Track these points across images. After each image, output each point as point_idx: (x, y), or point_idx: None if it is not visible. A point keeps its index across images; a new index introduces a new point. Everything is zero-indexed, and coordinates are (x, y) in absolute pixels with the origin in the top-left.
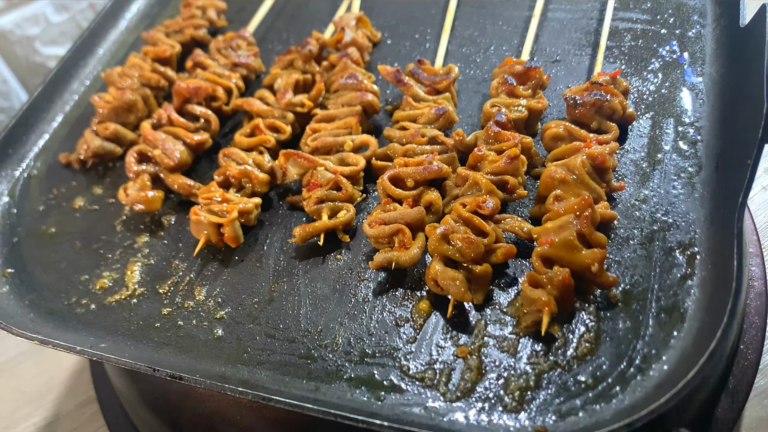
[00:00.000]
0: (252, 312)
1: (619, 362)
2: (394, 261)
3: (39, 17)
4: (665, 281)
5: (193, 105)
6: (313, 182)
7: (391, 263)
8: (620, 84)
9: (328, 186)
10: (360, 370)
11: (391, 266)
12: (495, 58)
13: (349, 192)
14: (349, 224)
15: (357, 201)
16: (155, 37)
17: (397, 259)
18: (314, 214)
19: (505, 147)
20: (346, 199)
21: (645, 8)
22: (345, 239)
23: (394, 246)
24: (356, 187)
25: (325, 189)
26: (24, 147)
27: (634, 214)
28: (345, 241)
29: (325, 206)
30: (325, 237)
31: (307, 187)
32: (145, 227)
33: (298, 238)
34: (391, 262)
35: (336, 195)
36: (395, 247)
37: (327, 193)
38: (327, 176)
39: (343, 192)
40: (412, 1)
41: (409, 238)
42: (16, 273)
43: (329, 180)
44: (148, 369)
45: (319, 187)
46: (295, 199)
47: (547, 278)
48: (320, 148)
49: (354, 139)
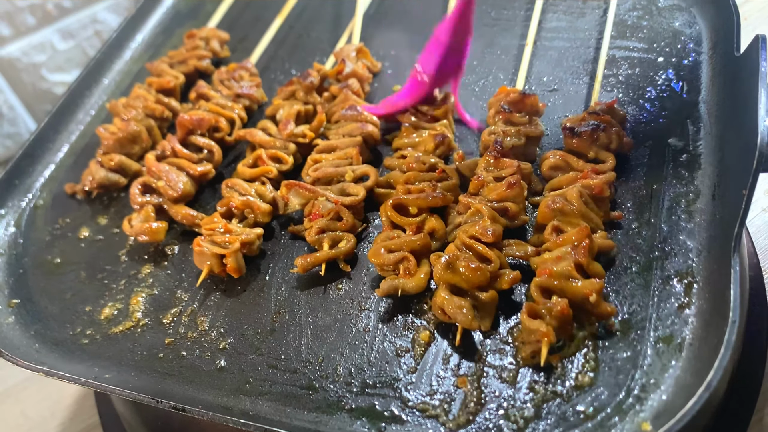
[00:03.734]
0: (254, 342)
1: (618, 392)
2: (400, 288)
3: (45, 45)
4: (663, 310)
5: (196, 136)
6: (314, 212)
7: (397, 290)
8: (617, 113)
9: (329, 216)
10: (361, 401)
11: (398, 293)
12: (493, 87)
13: (350, 222)
14: (350, 254)
15: (358, 230)
16: (159, 68)
17: (403, 285)
18: (316, 244)
19: (504, 174)
20: (347, 229)
21: (641, 37)
22: (346, 269)
23: (400, 273)
24: (357, 216)
25: (327, 219)
26: (30, 177)
27: (631, 243)
28: (346, 271)
29: (327, 236)
30: (327, 267)
31: (309, 216)
32: (149, 257)
33: (300, 268)
34: (397, 289)
35: (337, 225)
36: (400, 274)
37: (328, 223)
38: (328, 206)
39: (344, 222)
40: (412, 31)
41: (414, 265)
42: (22, 303)
43: (330, 210)
44: (152, 401)
45: (321, 217)
46: (297, 228)
47: (545, 309)
48: (321, 179)
49: (355, 170)
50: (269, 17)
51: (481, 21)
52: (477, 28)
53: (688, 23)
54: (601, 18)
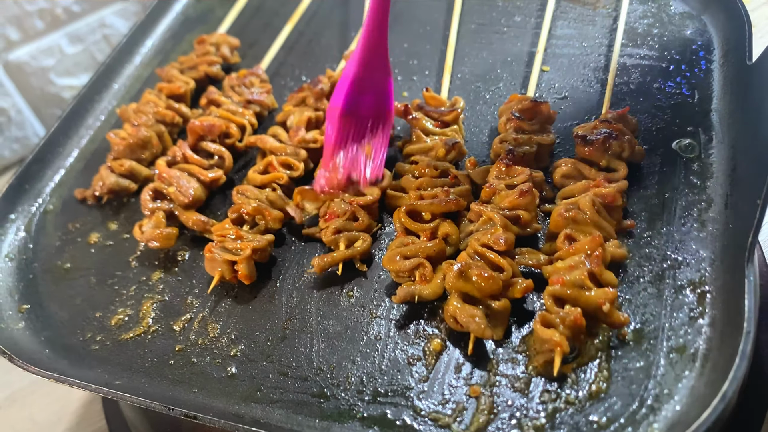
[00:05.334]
0: (265, 349)
1: (631, 402)
2: (417, 294)
3: (54, 49)
4: (676, 320)
5: (207, 142)
6: (330, 213)
7: (413, 297)
8: (629, 121)
9: (345, 216)
10: (372, 410)
11: (414, 300)
12: (504, 94)
13: (366, 222)
14: (367, 253)
15: (374, 230)
16: (170, 73)
17: (420, 292)
18: (331, 244)
19: (516, 182)
20: (363, 229)
21: (652, 45)
22: (363, 269)
23: (416, 279)
24: (372, 217)
25: (343, 219)
26: (40, 182)
27: (644, 252)
28: (363, 270)
29: (343, 236)
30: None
31: (325, 217)
32: (159, 263)
33: (317, 267)
34: (413, 295)
35: (353, 225)
36: (416, 280)
37: (344, 223)
38: (344, 207)
39: (360, 222)
40: (422, 38)
41: (430, 272)
42: (32, 309)
43: (346, 210)
44: (163, 408)
45: (337, 217)
46: (311, 230)
47: (559, 318)
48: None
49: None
50: (279, 23)
51: (491, 29)
52: (487, 35)
53: (699, 31)
54: (611, 26)
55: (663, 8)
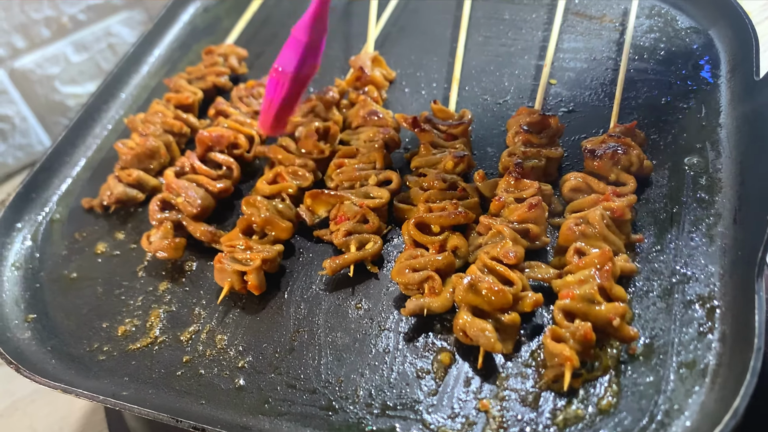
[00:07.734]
0: (273, 361)
1: (641, 417)
2: (426, 307)
3: (59, 57)
4: (685, 335)
5: (215, 153)
6: (340, 215)
7: (423, 310)
8: (637, 135)
9: (355, 219)
10: (381, 423)
11: (423, 313)
12: (511, 107)
13: (377, 224)
14: (378, 255)
15: (384, 233)
16: (178, 83)
17: (429, 305)
18: (342, 246)
19: (525, 195)
20: (373, 232)
21: (660, 59)
22: (374, 270)
23: (425, 292)
24: (381, 219)
25: (353, 222)
26: (47, 191)
27: (653, 266)
28: (374, 272)
29: (354, 238)
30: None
31: (335, 220)
32: (166, 273)
33: (328, 269)
34: (423, 308)
35: (364, 227)
36: (426, 293)
37: (355, 225)
38: (354, 209)
39: (370, 224)
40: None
41: (439, 284)
42: (38, 318)
43: (356, 213)
44: (171, 420)
45: (347, 220)
46: (322, 232)
47: (569, 332)
48: (345, 181)
49: (378, 174)
50: (285, 34)
51: (498, 42)
52: (495, 48)
53: (707, 46)
54: (618, 39)
55: (670, 23)
